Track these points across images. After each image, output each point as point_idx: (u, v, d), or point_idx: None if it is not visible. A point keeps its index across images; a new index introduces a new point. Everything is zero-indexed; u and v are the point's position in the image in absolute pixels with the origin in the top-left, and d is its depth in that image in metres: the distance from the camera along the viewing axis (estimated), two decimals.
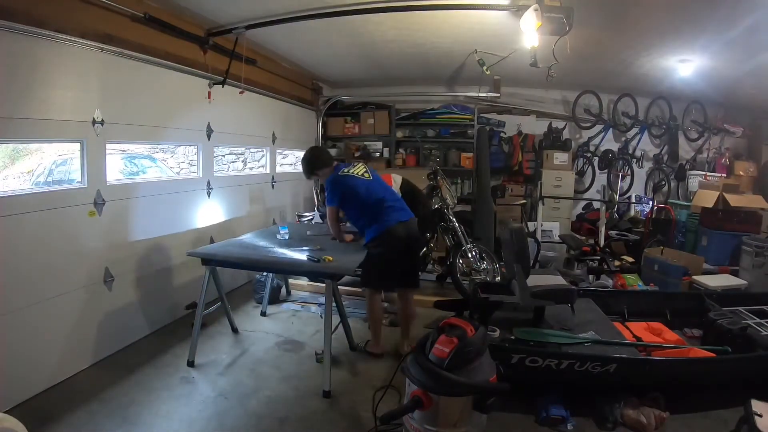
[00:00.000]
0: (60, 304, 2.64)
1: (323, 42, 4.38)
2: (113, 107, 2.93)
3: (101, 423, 2.29)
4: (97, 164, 2.87)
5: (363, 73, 5.73)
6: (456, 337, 1.71)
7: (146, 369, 2.85)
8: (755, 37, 3.35)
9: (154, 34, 3.25)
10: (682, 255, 4.38)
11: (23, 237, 2.42)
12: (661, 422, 2.29)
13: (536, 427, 2.33)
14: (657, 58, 4.30)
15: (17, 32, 2.31)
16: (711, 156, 6.02)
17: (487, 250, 4.38)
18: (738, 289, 3.78)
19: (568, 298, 2.84)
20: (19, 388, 2.40)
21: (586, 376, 2.32)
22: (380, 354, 3.12)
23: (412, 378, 1.73)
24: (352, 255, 2.93)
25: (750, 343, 2.64)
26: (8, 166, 3.16)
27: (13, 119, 2.35)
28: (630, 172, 6.01)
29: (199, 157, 3.98)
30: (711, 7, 3.03)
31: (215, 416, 2.40)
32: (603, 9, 3.20)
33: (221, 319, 3.56)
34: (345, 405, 2.52)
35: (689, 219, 5.31)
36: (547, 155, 5.97)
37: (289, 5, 3.35)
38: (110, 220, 2.96)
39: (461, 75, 5.46)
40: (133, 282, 3.20)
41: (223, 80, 3.96)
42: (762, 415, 1.97)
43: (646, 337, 2.93)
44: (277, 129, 5.26)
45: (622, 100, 5.88)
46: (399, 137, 6.48)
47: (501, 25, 3.53)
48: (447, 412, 1.70)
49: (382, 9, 3.26)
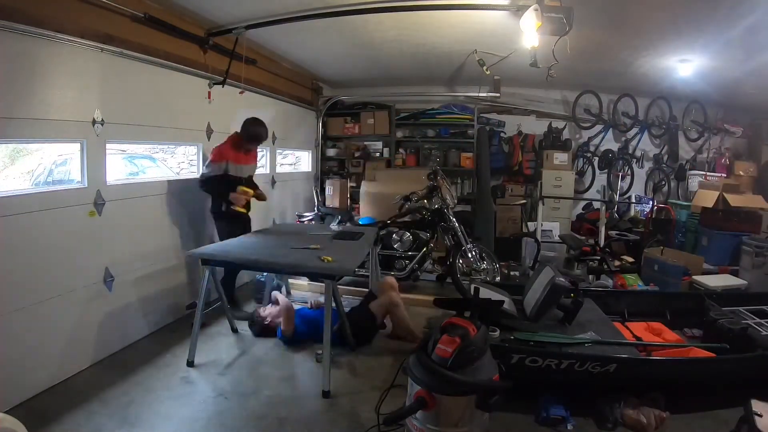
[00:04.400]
0: (60, 304, 2.63)
1: (323, 42, 4.38)
2: (113, 107, 2.93)
3: (101, 423, 2.28)
4: (97, 164, 2.86)
5: (363, 73, 5.74)
6: (458, 337, 1.71)
7: (146, 369, 2.85)
8: (755, 37, 3.36)
9: (154, 34, 3.25)
10: (682, 255, 4.38)
11: (23, 237, 2.41)
12: (661, 422, 2.29)
13: (536, 427, 2.33)
14: (657, 58, 4.31)
15: (17, 32, 2.31)
16: (711, 156, 6.03)
17: (487, 250, 4.39)
18: (738, 289, 3.78)
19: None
20: (19, 388, 2.39)
21: (586, 376, 2.32)
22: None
23: (416, 378, 1.73)
24: (352, 255, 2.93)
25: (750, 343, 2.64)
26: (8, 166, 3.16)
27: (13, 119, 2.35)
28: (630, 172, 6.01)
29: (199, 157, 3.98)
30: (711, 7, 3.03)
31: (215, 416, 2.39)
32: (603, 9, 3.20)
33: (221, 319, 3.56)
34: (345, 405, 2.51)
35: (689, 219, 5.31)
36: (547, 155, 5.98)
37: (289, 5, 3.35)
38: (110, 220, 2.95)
39: (461, 75, 5.46)
40: (133, 282, 3.20)
41: (223, 80, 3.96)
42: (762, 415, 1.97)
43: (646, 337, 2.93)
44: (277, 129, 5.25)
45: (622, 100, 5.88)
46: (399, 137, 6.49)
47: (501, 25, 3.53)
48: (450, 412, 1.71)
49: (382, 9, 3.26)
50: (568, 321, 2.83)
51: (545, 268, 2.95)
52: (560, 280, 2.71)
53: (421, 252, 4.36)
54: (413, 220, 4.47)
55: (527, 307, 2.92)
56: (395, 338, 3.35)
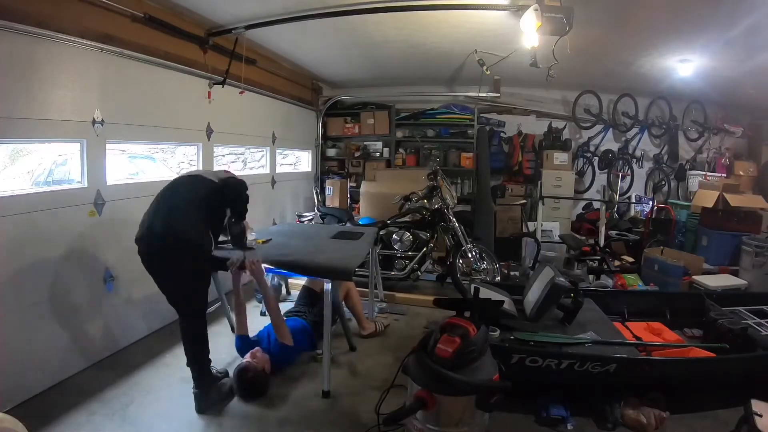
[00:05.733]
0: (60, 304, 2.63)
1: (323, 42, 4.38)
2: (113, 107, 2.93)
3: (101, 423, 2.29)
4: (97, 164, 2.87)
5: (363, 73, 5.73)
6: (458, 337, 1.71)
7: (146, 369, 2.85)
8: (755, 37, 3.36)
9: (154, 34, 3.25)
10: (682, 255, 4.38)
11: (23, 237, 2.42)
12: (661, 422, 2.29)
13: (536, 427, 2.34)
14: (657, 58, 4.30)
15: (17, 32, 2.31)
16: (711, 156, 6.02)
17: (487, 250, 4.38)
18: (738, 289, 3.78)
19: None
20: (19, 388, 2.39)
21: (586, 376, 2.31)
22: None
23: (417, 379, 1.73)
24: (352, 255, 2.93)
25: (750, 343, 2.64)
26: (8, 166, 3.16)
27: (13, 119, 2.35)
28: (630, 172, 6.01)
29: (199, 157, 3.99)
30: (711, 7, 3.04)
31: (215, 416, 2.39)
32: (603, 9, 3.20)
33: (221, 319, 3.56)
34: (345, 405, 2.51)
35: (689, 219, 5.30)
36: (547, 155, 5.97)
37: (289, 5, 3.35)
38: (110, 220, 2.95)
39: (461, 75, 5.46)
40: (133, 282, 3.19)
41: (223, 80, 3.97)
42: (762, 415, 1.97)
43: (646, 337, 2.92)
44: (277, 129, 5.26)
45: (622, 100, 5.88)
46: (399, 137, 6.49)
47: (501, 25, 3.53)
48: (450, 412, 1.71)
49: (382, 9, 3.26)
50: (568, 321, 2.83)
51: (545, 268, 2.95)
52: (560, 280, 2.71)
53: (421, 252, 4.36)
54: (413, 220, 4.47)
55: (527, 307, 2.92)
56: (368, 337, 3.38)
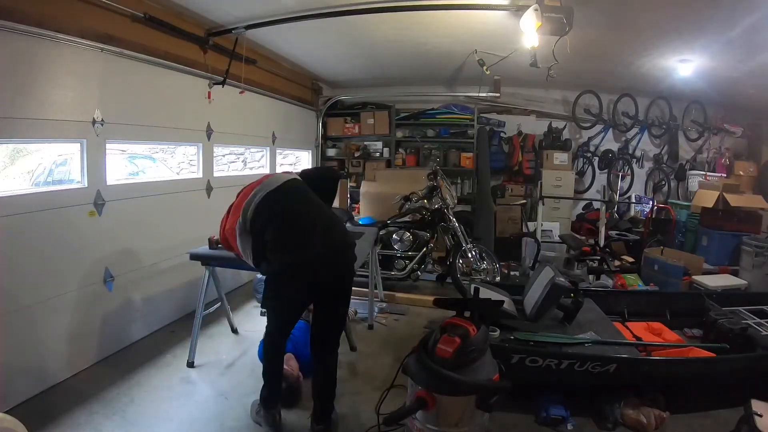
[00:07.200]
0: (60, 304, 2.64)
1: (323, 42, 4.38)
2: (113, 107, 2.93)
3: (101, 423, 2.29)
4: (97, 164, 2.87)
5: (363, 73, 5.73)
6: (458, 337, 1.71)
7: (146, 369, 2.85)
8: (755, 37, 3.36)
9: (154, 34, 3.25)
10: (682, 255, 4.38)
11: (23, 237, 2.42)
12: (661, 422, 2.29)
13: (536, 427, 2.34)
14: (657, 58, 4.30)
15: (17, 32, 2.31)
16: (711, 156, 6.02)
17: (487, 250, 4.38)
18: (738, 289, 3.78)
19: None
20: (19, 388, 2.39)
21: (586, 376, 2.32)
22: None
23: (417, 379, 1.73)
24: None
25: (750, 343, 2.64)
26: (8, 166, 3.16)
27: (13, 119, 2.35)
28: (630, 172, 6.01)
29: (199, 157, 3.98)
30: (711, 7, 3.03)
31: (215, 416, 2.40)
32: (603, 9, 3.20)
33: (221, 320, 3.56)
34: (345, 405, 2.51)
35: (689, 219, 5.31)
36: (547, 155, 5.97)
37: (289, 5, 3.35)
38: (110, 220, 2.95)
39: (461, 75, 5.46)
40: (133, 282, 3.20)
41: (223, 80, 3.96)
42: (762, 415, 1.98)
43: (646, 337, 2.93)
44: (277, 129, 5.26)
45: (622, 100, 5.88)
46: (399, 137, 6.49)
47: (501, 25, 3.53)
48: (450, 412, 1.70)
49: (382, 9, 3.26)
50: (568, 321, 2.83)
51: (545, 268, 2.95)
52: (560, 280, 2.71)
53: (421, 252, 4.36)
54: (413, 220, 4.47)
55: (527, 307, 2.92)
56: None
